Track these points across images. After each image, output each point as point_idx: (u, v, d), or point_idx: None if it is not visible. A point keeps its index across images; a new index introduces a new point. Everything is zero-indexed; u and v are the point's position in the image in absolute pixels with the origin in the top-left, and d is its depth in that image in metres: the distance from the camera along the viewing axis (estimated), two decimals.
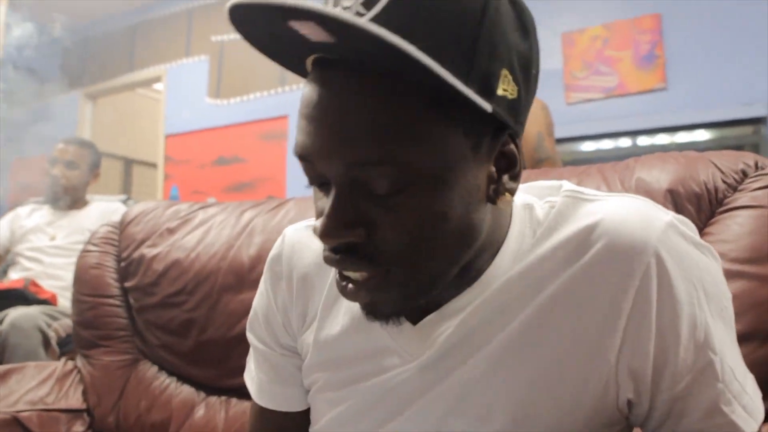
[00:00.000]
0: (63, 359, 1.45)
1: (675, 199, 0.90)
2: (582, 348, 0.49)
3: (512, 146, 0.47)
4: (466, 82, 0.40)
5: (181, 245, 1.37)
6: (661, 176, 0.93)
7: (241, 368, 1.24)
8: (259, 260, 1.25)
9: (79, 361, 1.43)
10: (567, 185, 0.54)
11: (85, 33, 5.31)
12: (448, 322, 0.52)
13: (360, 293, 0.47)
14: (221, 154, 4.30)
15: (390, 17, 0.39)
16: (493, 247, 0.52)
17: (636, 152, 2.96)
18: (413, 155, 0.42)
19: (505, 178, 0.48)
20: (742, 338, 0.78)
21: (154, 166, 4.84)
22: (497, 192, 0.47)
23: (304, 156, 0.45)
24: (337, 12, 0.36)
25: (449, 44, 0.40)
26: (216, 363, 1.27)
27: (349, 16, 0.36)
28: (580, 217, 0.50)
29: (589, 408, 0.49)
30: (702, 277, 0.48)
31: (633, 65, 2.96)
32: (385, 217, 0.44)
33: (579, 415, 0.49)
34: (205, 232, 1.37)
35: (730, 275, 0.81)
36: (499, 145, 0.47)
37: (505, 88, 0.44)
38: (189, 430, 1.24)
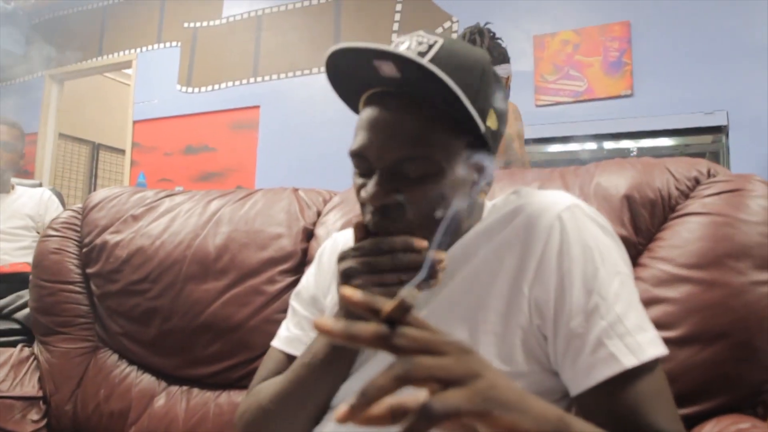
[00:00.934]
0: (19, 346, 1.43)
1: (631, 205, 0.93)
2: (507, 284, 0.67)
3: (488, 163, 0.70)
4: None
5: (146, 232, 1.36)
6: (619, 182, 0.96)
7: (205, 358, 1.25)
8: (225, 250, 1.25)
9: (36, 348, 1.41)
10: (519, 188, 0.76)
11: (54, 13, 5.18)
12: None
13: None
14: (190, 142, 4.25)
15: (435, 62, 0.63)
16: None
17: (601, 156, 3.02)
18: (434, 154, 0.64)
19: (482, 183, 0.70)
20: (686, 341, 0.81)
21: (121, 152, 4.75)
22: (476, 191, 0.70)
23: (362, 153, 0.67)
24: (409, 54, 0.60)
25: (465, 86, 0.62)
26: (179, 352, 1.26)
27: (418, 58, 0.59)
28: (515, 201, 0.72)
29: (520, 338, 0.65)
30: (597, 244, 0.65)
31: (602, 71, 3.02)
32: (411, 192, 0.65)
33: (514, 345, 0.65)
34: (170, 220, 1.36)
35: (676, 280, 0.85)
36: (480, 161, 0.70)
37: (491, 122, 0.68)
38: (149, 419, 1.24)
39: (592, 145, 3.03)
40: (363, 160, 0.68)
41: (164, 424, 1.21)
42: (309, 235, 1.25)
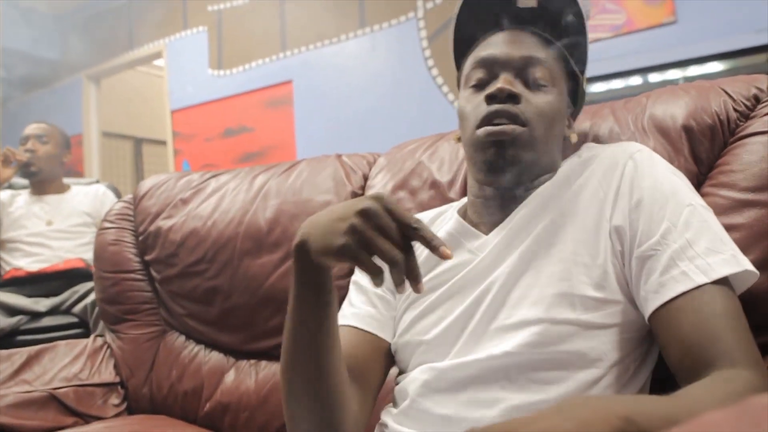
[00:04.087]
0: (92, 336, 1.49)
1: (690, 136, 0.88)
2: (591, 219, 0.71)
3: (571, 119, 0.85)
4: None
5: (197, 214, 1.38)
6: (674, 111, 0.91)
7: (269, 331, 1.27)
8: (276, 223, 1.26)
9: (108, 337, 1.46)
10: (587, 144, 0.83)
11: (82, 13, 5.26)
12: (506, 229, 0.75)
13: (506, 135, 0.72)
14: (228, 125, 4.29)
15: None
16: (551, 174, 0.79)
17: (647, 90, 2.88)
18: (554, 66, 0.77)
19: (569, 130, 0.83)
20: (757, 268, 0.77)
21: (163, 143, 4.84)
22: (570, 130, 0.83)
23: (496, 59, 0.76)
24: None
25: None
26: (243, 328, 1.29)
27: None
28: (587, 154, 0.79)
29: (612, 265, 0.68)
30: (667, 178, 0.70)
31: (640, 0, 2.88)
32: (531, 96, 0.74)
33: (607, 272, 0.67)
34: (219, 200, 1.38)
35: (741, 205, 0.80)
36: (570, 112, 0.83)
37: (584, 80, 0.83)
38: (221, 394, 1.28)
39: (637, 80, 2.90)
40: (489, 67, 0.77)
41: (237, 398, 1.24)
42: None
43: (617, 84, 2.96)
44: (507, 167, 0.73)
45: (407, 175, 1.17)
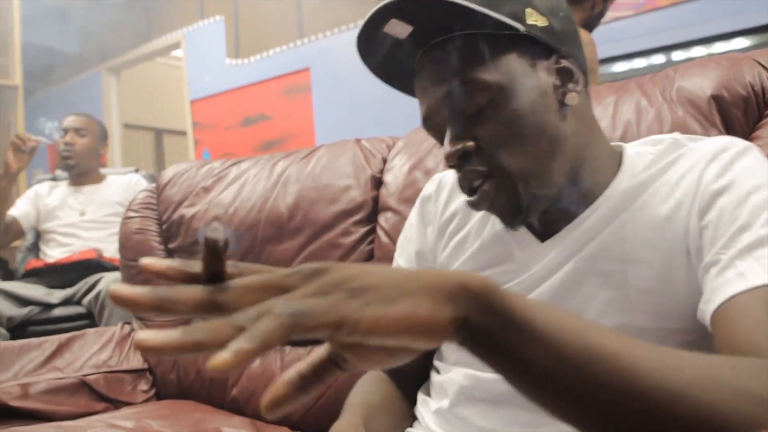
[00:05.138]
0: (120, 324, 1.51)
1: (720, 105, 0.86)
2: (663, 236, 0.59)
3: (566, 63, 0.63)
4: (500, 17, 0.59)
5: (219, 202, 1.38)
6: (703, 82, 0.89)
7: None
8: (296, 208, 1.26)
9: (135, 324, 1.48)
10: (676, 135, 0.66)
11: (101, 6, 5.29)
12: (567, 239, 0.64)
13: (483, 200, 0.62)
14: (247, 113, 4.30)
15: None
16: (602, 172, 0.65)
17: None
18: (483, 74, 0.60)
19: (570, 85, 0.63)
20: None
21: (183, 133, 4.88)
22: (563, 94, 0.63)
23: (428, 117, 0.65)
24: None
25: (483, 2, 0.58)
26: None
27: None
28: (673, 151, 0.63)
29: (686, 292, 0.57)
30: (756, 171, 0.56)
31: None
32: (482, 128, 0.61)
33: (678, 300, 0.57)
34: (240, 187, 1.38)
35: None
36: (554, 63, 0.63)
37: (534, 19, 0.61)
38: (247, 380, 1.28)
39: (659, 58, 2.85)
40: (432, 125, 0.66)
41: (263, 383, 1.25)
42: (377, 183, 1.23)
43: (640, 63, 2.90)
44: (521, 214, 0.62)
45: (424, 156, 1.16)
